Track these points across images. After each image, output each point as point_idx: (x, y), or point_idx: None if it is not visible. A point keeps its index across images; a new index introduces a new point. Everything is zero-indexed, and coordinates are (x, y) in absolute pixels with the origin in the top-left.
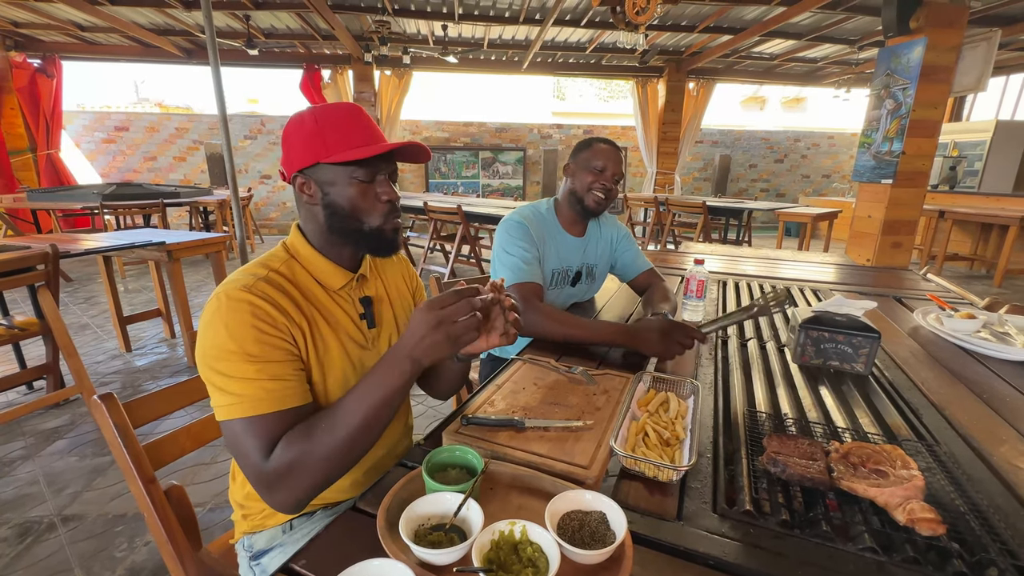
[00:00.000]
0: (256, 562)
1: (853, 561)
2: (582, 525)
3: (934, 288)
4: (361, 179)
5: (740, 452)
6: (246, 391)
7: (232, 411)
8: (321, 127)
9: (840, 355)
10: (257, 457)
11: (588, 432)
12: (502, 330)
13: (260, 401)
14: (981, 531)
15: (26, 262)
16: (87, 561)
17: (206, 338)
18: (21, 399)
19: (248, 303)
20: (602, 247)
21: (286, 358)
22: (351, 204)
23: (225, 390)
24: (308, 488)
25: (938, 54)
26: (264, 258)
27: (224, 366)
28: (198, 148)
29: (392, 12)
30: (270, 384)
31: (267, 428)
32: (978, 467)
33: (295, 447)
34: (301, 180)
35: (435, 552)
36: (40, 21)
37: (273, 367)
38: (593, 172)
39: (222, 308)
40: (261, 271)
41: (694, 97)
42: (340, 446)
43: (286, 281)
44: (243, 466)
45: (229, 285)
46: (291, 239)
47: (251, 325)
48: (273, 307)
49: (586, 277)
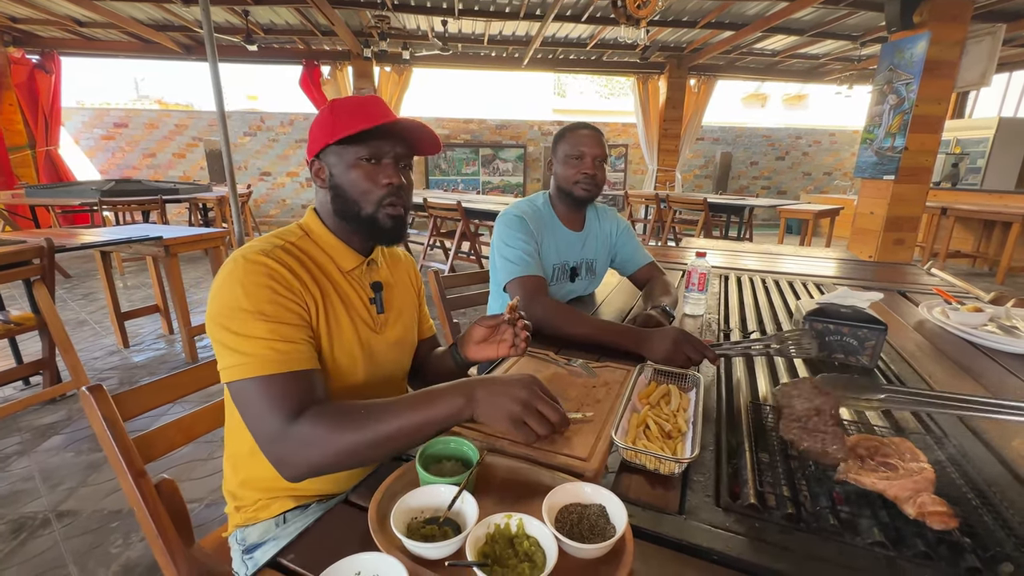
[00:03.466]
0: (249, 556)
1: (862, 556)
2: (581, 518)
3: (938, 282)
4: (365, 158)
5: (744, 445)
6: (257, 350)
7: (242, 371)
8: (336, 113)
9: (845, 348)
10: (276, 420)
11: (588, 424)
12: (511, 343)
13: (271, 362)
14: (994, 525)
15: (21, 256)
16: (82, 557)
17: (220, 296)
18: (17, 394)
19: (265, 265)
20: (601, 241)
21: (298, 322)
22: (354, 187)
23: (236, 349)
24: (317, 463)
25: (942, 49)
26: (279, 232)
27: (236, 324)
28: (197, 145)
29: (392, 7)
30: (281, 345)
31: (279, 388)
32: (989, 461)
33: (325, 423)
34: (317, 166)
35: (428, 546)
36: (39, 17)
37: (285, 328)
38: (573, 163)
39: (238, 268)
40: (279, 241)
41: (695, 94)
42: (367, 441)
43: (302, 254)
44: (253, 427)
45: (247, 249)
46: (306, 219)
47: (266, 286)
48: (289, 272)
49: (586, 272)
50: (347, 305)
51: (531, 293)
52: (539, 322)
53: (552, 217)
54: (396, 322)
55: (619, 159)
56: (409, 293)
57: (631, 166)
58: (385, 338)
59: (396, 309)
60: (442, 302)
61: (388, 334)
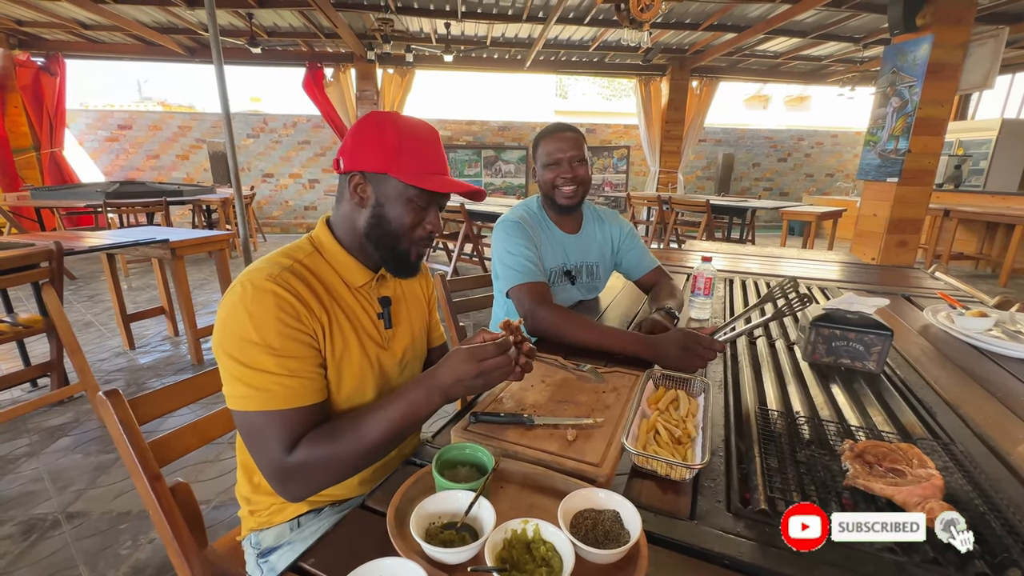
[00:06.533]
0: (264, 559)
1: (872, 561)
2: (595, 524)
3: (942, 286)
4: (419, 205)
5: (753, 450)
6: (264, 384)
7: (249, 403)
8: (402, 142)
9: (851, 353)
10: (275, 450)
11: (598, 430)
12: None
13: (278, 397)
14: (1002, 531)
15: (30, 259)
16: (91, 558)
17: (228, 325)
18: (25, 396)
19: (273, 294)
20: (603, 245)
21: (306, 354)
22: (398, 223)
23: (243, 381)
24: (321, 485)
25: (945, 51)
26: (289, 248)
27: (244, 356)
28: (201, 147)
29: (395, 10)
30: (288, 380)
31: (285, 423)
32: (996, 466)
33: (320, 448)
34: (358, 181)
35: (448, 551)
36: (44, 19)
37: (293, 363)
38: (550, 168)
39: (247, 296)
40: (286, 261)
41: (697, 96)
42: (360, 454)
43: (309, 274)
44: (257, 457)
45: (254, 273)
46: (318, 232)
47: (275, 317)
48: (297, 299)
49: (587, 276)
50: (354, 324)
51: (536, 300)
52: (545, 328)
53: (546, 220)
54: (405, 335)
55: (621, 161)
56: (419, 303)
57: (633, 168)
58: (393, 353)
59: (405, 322)
60: (448, 306)
61: (396, 349)
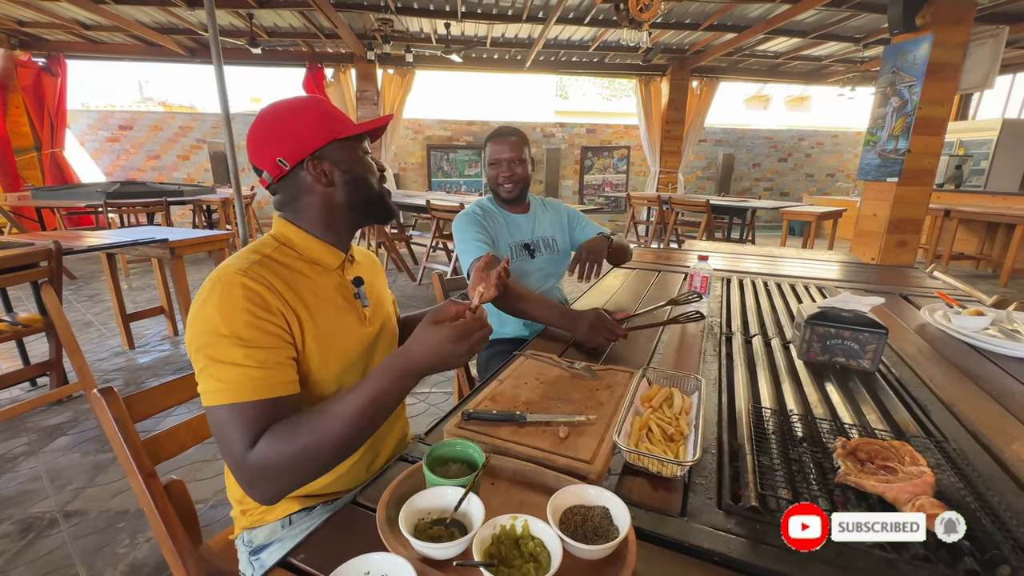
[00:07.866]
0: (256, 557)
1: (862, 558)
2: (585, 520)
3: (940, 285)
4: (364, 150)
5: (745, 448)
6: (231, 376)
7: (217, 397)
8: (316, 112)
9: (846, 351)
10: (238, 447)
11: (591, 427)
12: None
13: (243, 388)
14: (993, 528)
15: (30, 258)
16: (89, 557)
17: (198, 322)
18: (24, 395)
19: (242, 286)
20: (555, 221)
21: (276, 344)
22: (367, 174)
23: (213, 376)
24: (289, 484)
25: (945, 51)
26: (254, 245)
27: (214, 350)
28: (201, 147)
29: (395, 10)
30: (254, 372)
31: (249, 417)
32: (988, 464)
33: (279, 446)
34: (315, 163)
35: (435, 546)
36: (44, 20)
37: (261, 353)
38: (493, 167)
39: (215, 292)
40: (255, 256)
41: (697, 96)
42: (326, 447)
43: (279, 265)
44: (224, 454)
45: (223, 269)
46: (279, 230)
47: (244, 308)
48: (267, 289)
49: (545, 248)
50: (335, 306)
51: (486, 265)
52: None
53: (498, 208)
54: (380, 312)
55: (621, 161)
56: (382, 281)
57: (633, 168)
58: (373, 330)
59: (376, 300)
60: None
61: (375, 324)
